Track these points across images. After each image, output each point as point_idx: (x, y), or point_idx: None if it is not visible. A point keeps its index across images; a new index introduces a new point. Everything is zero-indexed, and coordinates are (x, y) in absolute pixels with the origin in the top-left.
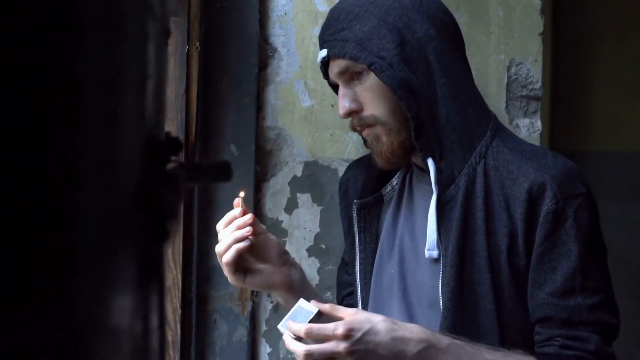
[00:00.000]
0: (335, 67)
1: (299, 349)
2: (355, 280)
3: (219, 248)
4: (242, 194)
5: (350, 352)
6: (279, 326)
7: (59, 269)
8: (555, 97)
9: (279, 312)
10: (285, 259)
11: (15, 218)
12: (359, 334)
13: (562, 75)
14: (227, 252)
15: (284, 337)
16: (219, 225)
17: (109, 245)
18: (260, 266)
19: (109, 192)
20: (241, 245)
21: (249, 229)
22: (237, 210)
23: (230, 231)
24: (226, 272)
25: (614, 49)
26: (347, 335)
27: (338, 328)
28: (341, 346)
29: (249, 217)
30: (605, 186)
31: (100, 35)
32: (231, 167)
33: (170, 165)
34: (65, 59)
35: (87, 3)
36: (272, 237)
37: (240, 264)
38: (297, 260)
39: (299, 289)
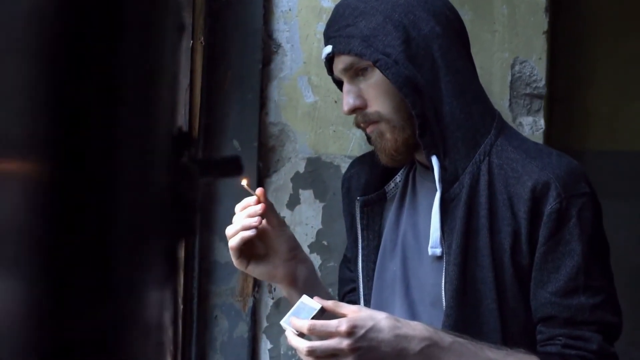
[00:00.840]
0: (340, 63)
1: (302, 345)
2: (357, 278)
3: (228, 230)
4: (244, 181)
5: (353, 349)
6: (282, 322)
7: (98, 266)
8: (553, 96)
9: (280, 308)
10: (293, 254)
11: (61, 220)
12: (362, 331)
13: (559, 74)
14: (234, 237)
15: (286, 333)
16: (236, 208)
17: (141, 242)
18: (267, 256)
19: (140, 190)
20: (247, 233)
21: (257, 219)
22: (253, 197)
23: (242, 217)
24: (232, 255)
25: (613, 48)
26: (350, 332)
27: (341, 325)
28: (344, 343)
29: (259, 207)
30: (602, 185)
31: (139, 32)
32: (241, 162)
33: (183, 161)
34: (106, 57)
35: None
36: (288, 230)
37: (247, 250)
38: None
39: (305, 285)
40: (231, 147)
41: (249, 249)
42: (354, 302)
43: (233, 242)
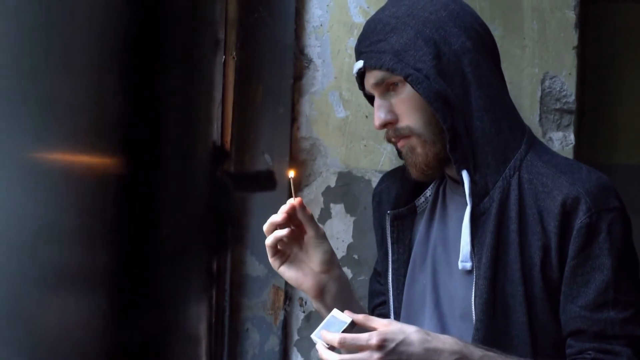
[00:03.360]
0: (372, 78)
1: (333, 358)
2: (387, 291)
3: (265, 227)
4: (292, 173)
5: None
6: (312, 335)
7: (145, 275)
8: (582, 110)
9: (311, 321)
10: (327, 268)
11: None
12: (392, 345)
13: (588, 88)
14: (269, 236)
15: (317, 346)
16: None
17: (182, 254)
18: (301, 263)
19: (182, 201)
20: (279, 233)
21: (282, 215)
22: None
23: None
24: (267, 252)
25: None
26: (380, 346)
27: (372, 338)
28: (374, 356)
29: (287, 205)
30: (630, 199)
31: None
32: (275, 176)
33: (218, 174)
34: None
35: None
36: (326, 244)
37: (282, 250)
38: None
39: (333, 301)
40: (263, 162)
41: (285, 251)
42: (384, 315)
43: (268, 240)
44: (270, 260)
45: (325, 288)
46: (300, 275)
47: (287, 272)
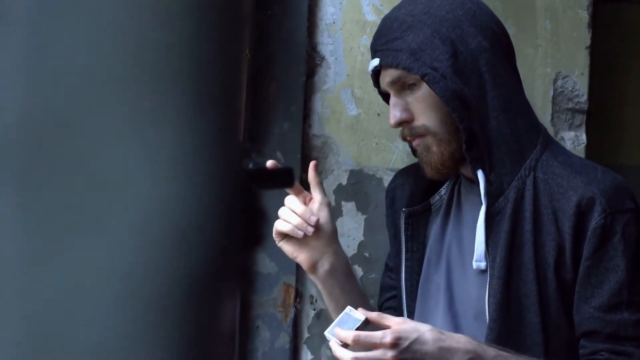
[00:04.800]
0: (388, 76)
1: (347, 356)
2: (400, 288)
3: (283, 214)
4: (312, 163)
5: None
6: (326, 333)
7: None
8: (588, 111)
9: (322, 319)
10: (326, 238)
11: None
12: (406, 343)
13: (594, 89)
14: (285, 225)
15: (330, 343)
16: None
17: (216, 250)
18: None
19: (215, 198)
20: (296, 233)
21: (310, 230)
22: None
23: (298, 218)
24: (273, 230)
25: None
26: (394, 344)
27: (386, 336)
28: (388, 354)
29: (313, 223)
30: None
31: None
32: (293, 173)
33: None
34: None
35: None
36: (328, 210)
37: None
38: None
39: (327, 277)
40: (274, 159)
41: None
42: (394, 308)
43: (281, 228)
44: (275, 235)
45: (317, 264)
46: (296, 248)
47: (285, 246)
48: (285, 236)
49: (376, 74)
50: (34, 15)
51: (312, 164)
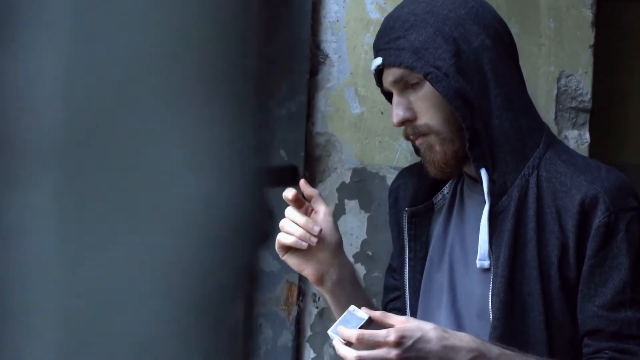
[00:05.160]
0: (390, 75)
1: (350, 354)
2: (403, 287)
3: (285, 226)
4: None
5: (401, 359)
6: (329, 331)
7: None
8: (592, 109)
9: (324, 317)
10: (332, 251)
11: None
12: (410, 342)
13: (597, 88)
14: (287, 238)
15: (333, 342)
16: (294, 214)
17: (225, 249)
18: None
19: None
20: (300, 244)
21: (313, 240)
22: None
23: (300, 228)
24: (276, 242)
25: None
26: (398, 343)
27: (390, 335)
28: (392, 353)
29: (316, 234)
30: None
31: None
32: (298, 171)
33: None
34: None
35: None
36: (332, 221)
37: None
38: None
39: (335, 288)
40: (277, 157)
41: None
42: (398, 309)
43: (284, 240)
44: (278, 248)
45: (324, 275)
46: (302, 261)
47: (290, 259)
48: (289, 249)
49: (379, 73)
50: (75, 8)
51: (301, 182)
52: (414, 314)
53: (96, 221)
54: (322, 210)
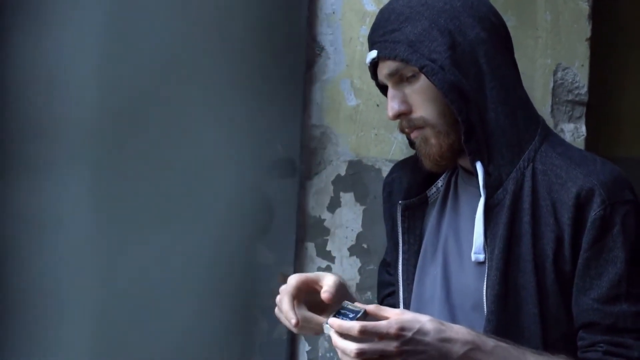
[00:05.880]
0: (385, 68)
1: (351, 346)
2: (397, 281)
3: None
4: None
5: (400, 351)
6: (325, 324)
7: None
8: (588, 103)
9: None
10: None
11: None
12: (409, 334)
13: (593, 81)
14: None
15: (330, 334)
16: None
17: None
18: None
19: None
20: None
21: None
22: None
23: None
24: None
25: None
26: (398, 335)
27: (391, 326)
28: (392, 345)
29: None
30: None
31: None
32: (295, 163)
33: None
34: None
35: None
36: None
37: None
38: (338, 259)
39: None
40: (274, 149)
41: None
42: (393, 305)
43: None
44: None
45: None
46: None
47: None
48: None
49: (374, 66)
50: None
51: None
52: (407, 307)
53: (133, 211)
54: (328, 284)
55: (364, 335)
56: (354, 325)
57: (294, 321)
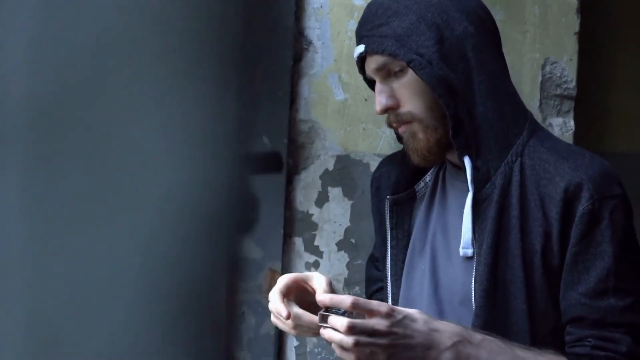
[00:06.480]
0: (373, 63)
1: (342, 321)
2: (385, 276)
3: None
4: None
5: (390, 332)
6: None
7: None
8: (576, 97)
9: None
10: None
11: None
12: (399, 316)
13: (581, 75)
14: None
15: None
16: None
17: (206, 237)
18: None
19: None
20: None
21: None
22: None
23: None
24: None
25: (636, 51)
26: (389, 314)
27: (382, 305)
28: (383, 323)
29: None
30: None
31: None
32: (282, 158)
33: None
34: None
35: None
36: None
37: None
38: (326, 254)
39: None
40: (261, 144)
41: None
42: (381, 300)
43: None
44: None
45: None
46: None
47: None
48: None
49: (361, 60)
50: None
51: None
52: (395, 303)
53: (66, 211)
54: (322, 286)
55: (355, 309)
56: (346, 299)
57: (284, 314)
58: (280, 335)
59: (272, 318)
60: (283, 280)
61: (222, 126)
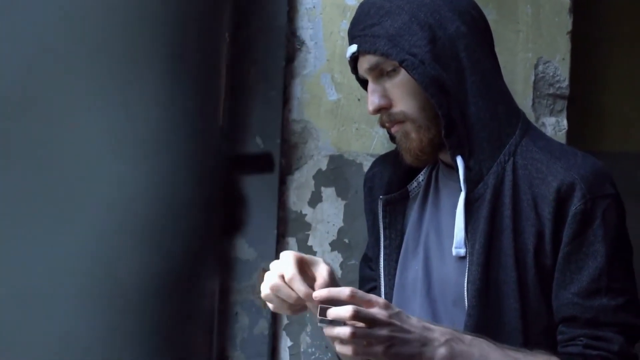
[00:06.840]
0: (366, 62)
1: (347, 307)
2: (379, 276)
3: (268, 284)
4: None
5: (389, 322)
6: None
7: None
8: (569, 96)
9: None
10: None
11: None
12: (396, 309)
13: (574, 75)
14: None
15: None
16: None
17: (195, 236)
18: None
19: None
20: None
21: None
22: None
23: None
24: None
25: (629, 50)
26: (387, 305)
27: (379, 298)
28: (382, 313)
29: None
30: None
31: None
32: (273, 158)
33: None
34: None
35: None
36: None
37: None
38: (319, 254)
39: None
40: (254, 144)
41: None
42: None
43: (270, 304)
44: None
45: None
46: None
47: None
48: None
49: (354, 60)
50: None
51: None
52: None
53: (18, 215)
54: (322, 276)
55: (353, 300)
56: (345, 290)
57: (307, 292)
58: (274, 335)
59: (264, 287)
60: (291, 258)
61: (213, 126)
